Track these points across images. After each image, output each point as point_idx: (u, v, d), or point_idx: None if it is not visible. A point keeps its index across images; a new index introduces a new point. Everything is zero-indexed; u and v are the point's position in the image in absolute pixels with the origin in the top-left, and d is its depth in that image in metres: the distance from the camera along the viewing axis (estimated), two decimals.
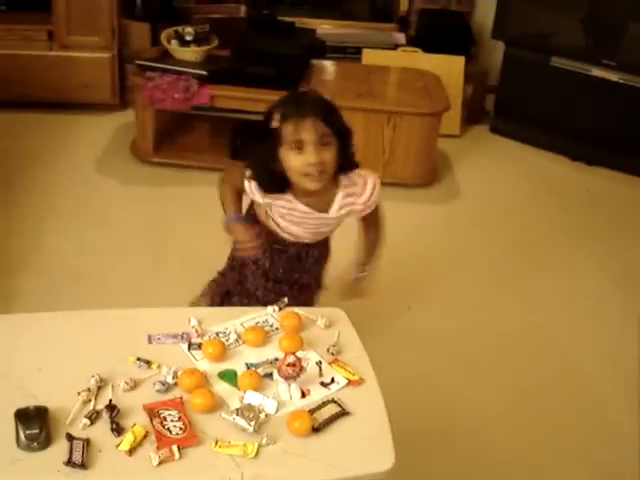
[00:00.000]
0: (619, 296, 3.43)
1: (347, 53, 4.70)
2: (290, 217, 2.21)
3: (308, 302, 2.43)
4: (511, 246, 3.72)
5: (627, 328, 3.23)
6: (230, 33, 4.16)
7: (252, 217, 2.38)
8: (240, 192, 2.28)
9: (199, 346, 1.88)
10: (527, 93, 4.70)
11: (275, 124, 1.98)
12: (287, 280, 2.39)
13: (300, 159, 1.98)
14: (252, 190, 2.16)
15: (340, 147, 2.01)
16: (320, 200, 2.13)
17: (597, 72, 4.47)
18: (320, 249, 2.40)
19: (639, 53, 4.44)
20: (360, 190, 2.14)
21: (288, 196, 2.13)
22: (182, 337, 1.91)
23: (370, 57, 4.60)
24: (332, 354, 1.89)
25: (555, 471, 2.51)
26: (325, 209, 2.16)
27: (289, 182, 2.07)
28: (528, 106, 4.71)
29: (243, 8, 4.66)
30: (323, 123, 1.95)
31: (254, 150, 2.09)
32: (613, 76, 4.45)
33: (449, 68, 4.58)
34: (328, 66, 4.32)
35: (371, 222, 2.31)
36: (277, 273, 2.38)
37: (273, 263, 2.37)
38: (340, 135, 2.01)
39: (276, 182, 2.07)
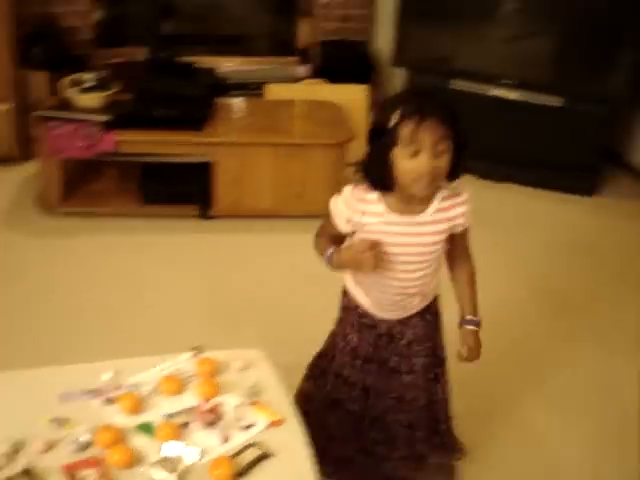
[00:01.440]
0: (537, 311, 3.49)
1: (251, 89, 4.71)
2: (385, 239, 1.98)
3: (396, 389, 2.23)
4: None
5: (549, 340, 3.30)
6: (131, 77, 4.13)
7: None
8: (335, 242, 2.10)
9: (114, 400, 1.85)
10: None
11: (392, 123, 1.82)
12: (378, 360, 2.20)
13: (413, 164, 1.83)
14: (347, 214, 2.00)
15: (454, 154, 1.87)
16: (415, 205, 1.96)
17: (496, 92, 4.58)
18: (415, 331, 2.19)
19: (535, 70, 4.57)
20: (460, 199, 2.00)
21: (380, 206, 1.95)
22: (96, 393, 1.88)
23: (274, 91, 4.62)
24: (251, 396, 1.87)
25: None
26: (419, 212, 1.98)
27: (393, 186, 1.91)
28: None
29: (143, 51, 4.63)
30: (443, 126, 1.81)
31: (369, 149, 1.92)
32: (512, 94, 4.57)
33: (353, 97, 4.63)
34: (232, 103, 4.32)
35: (462, 252, 2.15)
36: (366, 351, 2.19)
37: (361, 339, 2.18)
38: (457, 142, 1.86)
39: (386, 180, 1.90)
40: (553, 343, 3.29)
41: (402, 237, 1.98)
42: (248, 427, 1.79)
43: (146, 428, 1.78)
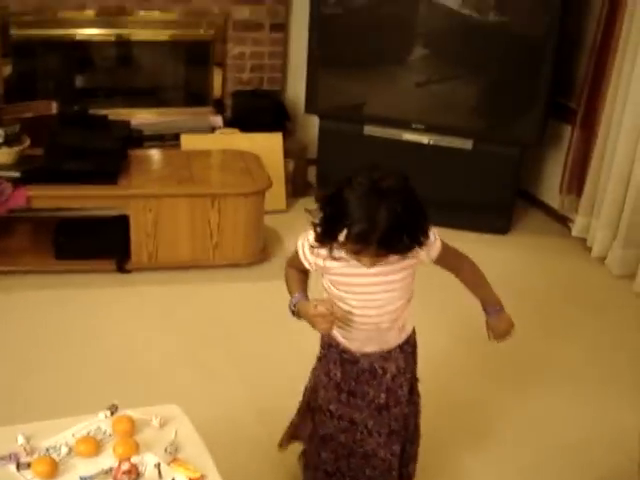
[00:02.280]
0: (461, 350, 3.53)
1: (165, 140, 4.68)
2: (348, 284, 2.09)
3: (387, 424, 2.27)
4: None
5: (472, 379, 3.33)
6: (42, 131, 4.06)
7: None
8: (305, 274, 2.20)
9: (29, 465, 1.79)
10: (345, 162, 4.77)
11: (340, 238, 1.92)
12: (362, 396, 2.24)
13: (356, 258, 1.98)
14: (313, 259, 2.10)
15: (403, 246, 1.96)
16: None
17: (408, 136, 4.66)
18: (397, 364, 2.24)
19: (445, 114, 4.67)
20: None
21: (342, 253, 2.02)
22: (10, 458, 1.82)
23: (189, 142, 4.61)
24: (170, 453, 1.84)
25: None
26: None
27: None
28: (348, 174, 4.83)
29: (54, 105, 4.57)
30: (385, 249, 1.93)
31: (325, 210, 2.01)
32: (423, 138, 4.66)
33: (268, 146, 4.66)
34: (146, 155, 4.30)
35: (453, 262, 2.27)
36: (350, 385, 2.24)
37: (344, 373, 2.24)
38: (402, 250, 1.97)
39: (335, 238, 1.96)
40: (480, 381, 3.33)
41: (368, 278, 2.06)
42: None
43: None
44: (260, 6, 4.99)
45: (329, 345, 2.26)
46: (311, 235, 2.07)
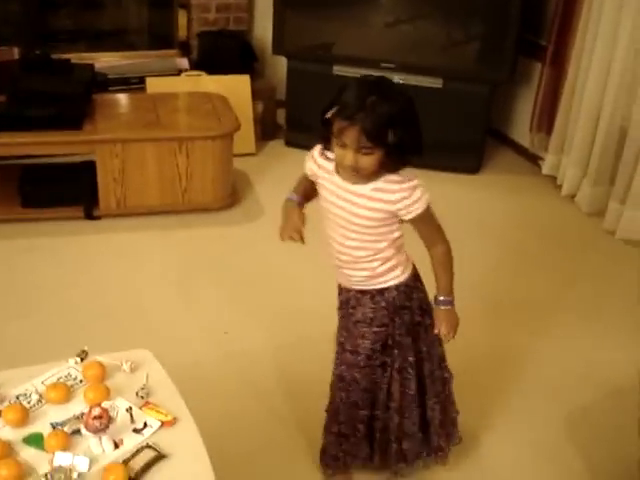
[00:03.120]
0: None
1: (131, 84, 4.59)
2: (325, 200, 2.19)
3: (338, 364, 2.33)
4: (317, 255, 3.76)
5: None
6: (3, 77, 3.97)
7: None
8: (311, 182, 2.27)
9: None
10: (315, 103, 4.74)
11: (329, 114, 2.00)
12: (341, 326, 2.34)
13: (340, 154, 2.01)
14: (311, 164, 2.21)
15: (387, 153, 1.99)
16: (358, 179, 2.08)
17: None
18: (364, 311, 2.25)
19: (414, 54, 4.63)
20: (403, 183, 2.08)
21: (331, 166, 2.13)
22: None
23: (155, 85, 4.53)
24: (142, 397, 1.83)
25: None
26: (360, 184, 2.10)
27: None
28: (318, 116, 4.78)
29: (16, 50, 4.46)
30: (366, 138, 1.94)
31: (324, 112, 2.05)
32: (393, 77, 4.58)
33: (236, 88, 4.59)
34: (111, 100, 4.22)
35: (426, 237, 2.26)
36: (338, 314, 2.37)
37: (339, 303, 2.36)
38: (388, 145, 1.97)
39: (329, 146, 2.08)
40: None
41: (339, 200, 2.13)
42: (140, 430, 1.75)
43: (34, 439, 1.72)
44: None
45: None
46: (316, 150, 2.19)
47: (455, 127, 4.63)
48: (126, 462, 1.66)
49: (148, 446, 1.71)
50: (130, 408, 1.78)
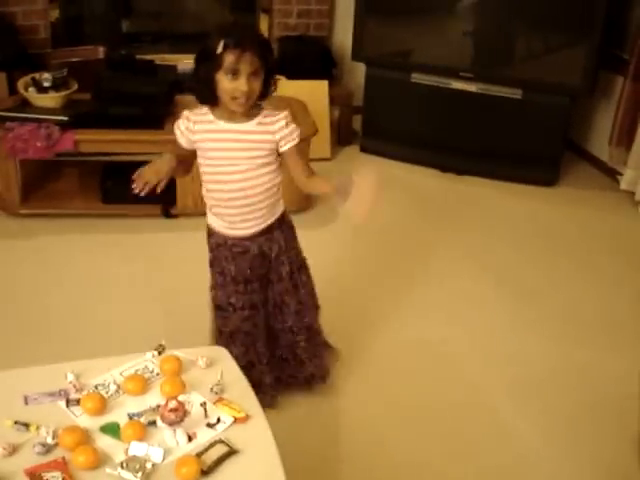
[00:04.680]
0: (498, 298, 3.53)
1: None
2: (216, 150, 2.36)
3: (272, 297, 2.61)
4: (396, 262, 3.78)
5: (513, 329, 3.33)
6: (90, 76, 4.08)
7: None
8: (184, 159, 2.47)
9: (78, 402, 1.84)
10: (392, 110, 4.80)
11: (218, 51, 2.18)
12: (257, 278, 2.55)
13: (233, 85, 2.21)
14: (186, 125, 2.39)
15: (265, 78, 2.27)
16: (240, 117, 2.33)
17: (457, 84, 4.61)
18: (280, 244, 2.55)
19: (493, 63, 4.61)
20: (277, 116, 2.37)
21: (210, 116, 2.35)
22: (60, 394, 1.87)
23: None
24: (216, 393, 1.87)
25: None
26: (244, 122, 2.34)
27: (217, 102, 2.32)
28: (395, 123, 4.81)
29: (101, 49, 4.58)
30: (257, 58, 2.20)
31: (197, 69, 2.29)
32: (472, 87, 4.59)
33: (314, 93, 4.63)
34: (193, 100, 4.27)
35: (297, 166, 2.47)
36: (244, 274, 2.53)
37: (237, 267, 2.52)
38: (267, 69, 2.26)
39: (211, 97, 2.30)
40: (516, 330, 3.33)
41: (232, 142, 2.34)
42: (214, 425, 1.79)
43: (111, 429, 1.77)
44: None
45: (217, 245, 2.54)
46: (186, 113, 2.40)
47: (532, 138, 4.59)
48: (199, 455, 1.70)
49: (220, 441, 1.75)
50: (204, 403, 1.82)
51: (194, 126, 2.37)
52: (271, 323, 2.65)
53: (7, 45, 4.42)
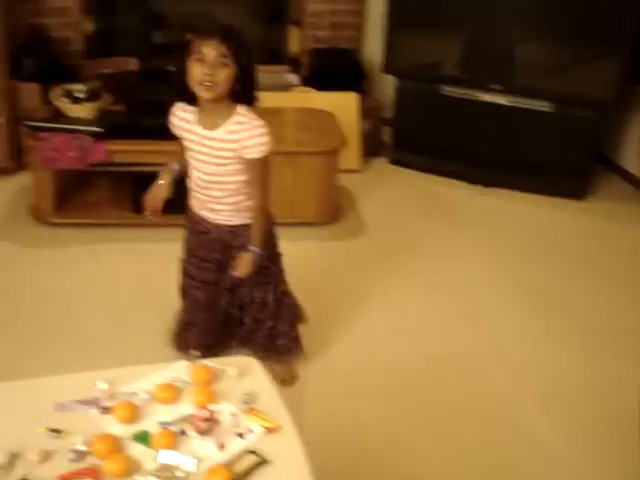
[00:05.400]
0: (531, 313, 3.51)
1: None
2: (190, 149, 2.56)
3: (226, 282, 2.77)
4: (421, 275, 3.78)
5: (543, 345, 3.32)
6: (122, 87, 4.14)
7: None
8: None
9: (110, 410, 1.85)
10: (422, 123, 4.81)
11: (188, 37, 2.36)
12: (212, 260, 2.74)
13: (198, 68, 2.33)
14: (171, 118, 2.63)
15: (238, 75, 2.37)
16: (214, 121, 2.47)
17: (486, 97, 4.61)
18: (243, 239, 2.64)
19: (523, 76, 4.60)
20: (251, 124, 2.46)
21: (190, 116, 2.53)
22: (92, 402, 1.88)
23: (265, 100, 4.60)
24: (246, 403, 1.88)
25: None
26: (214, 129, 2.49)
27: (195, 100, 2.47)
28: (424, 135, 4.82)
29: (133, 61, 4.63)
30: (224, 46, 2.31)
31: (176, 64, 2.44)
32: (502, 100, 4.59)
33: (344, 105, 4.65)
34: None
35: (252, 183, 2.55)
36: (202, 253, 2.74)
37: (197, 242, 2.74)
38: (239, 63, 2.36)
39: (185, 90, 2.43)
40: (541, 343, 3.32)
41: (201, 146, 2.51)
42: (244, 434, 1.80)
43: (142, 437, 1.79)
44: None
45: (188, 219, 2.75)
46: (175, 107, 2.59)
47: (562, 151, 4.58)
48: (229, 465, 1.71)
49: (251, 451, 1.75)
50: (235, 413, 1.83)
51: (178, 122, 2.59)
52: (219, 302, 2.84)
53: (41, 57, 4.51)
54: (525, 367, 3.17)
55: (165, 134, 3.76)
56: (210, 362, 2.00)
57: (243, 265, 2.63)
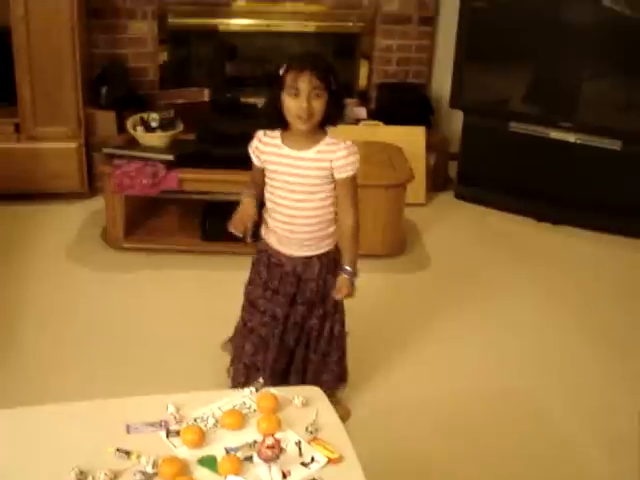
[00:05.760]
0: (594, 355, 3.47)
1: None
2: (276, 172, 2.55)
3: (294, 316, 2.72)
4: (484, 311, 3.76)
5: (606, 386, 3.27)
6: (195, 117, 4.23)
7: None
8: (258, 187, 2.66)
9: (178, 433, 1.89)
10: (489, 158, 4.81)
11: (281, 72, 2.40)
12: (284, 293, 2.68)
13: (295, 103, 2.39)
14: (256, 144, 2.61)
15: (330, 101, 2.43)
16: (303, 143, 2.50)
17: (555, 134, 4.59)
18: (312, 270, 2.66)
19: (592, 113, 4.58)
20: (340, 144, 2.53)
21: (278, 141, 2.54)
22: (160, 425, 1.92)
23: (333, 132, 4.65)
24: (311, 433, 1.90)
25: None
26: (305, 150, 2.51)
27: (286, 125, 2.49)
28: (491, 171, 4.81)
29: (206, 92, 4.74)
30: (317, 79, 2.37)
31: (267, 94, 2.51)
32: (570, 137, 4.57)
33: (411, 139, 4.68)
34: None
35: (343, 202, 2.60)
36: (274, 285, 2.69)
37: (270, 274, 2.69)
38: (331, 91, 2.42)
39: (278, 118, 2.48)
40: (611, 386, 3.27)
41: (290, 167, 2.52)
42: (308, 464, 1.81)
43: (208, 461, 1.82)
44: None
45: (260, 250, 2.73)
46: (259, 133, 2.61)
47: (632, 190, 4.52)
48: None
49: None
50: (299, 442, 1.85)
51: (264, 147, 2.58)
52: (286, 340, 2.76)
53: (118, 86, 4.64)
54: (595, 409, 3.13)
55: (235, 164, 3.89)
56: (275, 390, 2.02)
57: (344, 287, 2.65)
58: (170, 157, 3.91)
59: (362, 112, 4.99)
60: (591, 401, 3.17)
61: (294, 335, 2.75)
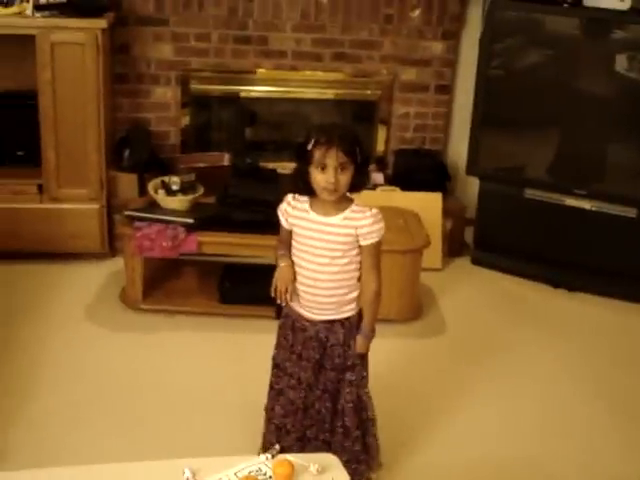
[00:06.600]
0: (612, 424, 3.45)
1: None
2: (303, 236, 2.63)
3: (322, 382, 2.75)
4: (500, 378, 3.76)
5: (624, 456, 3.25)
6: (215, 181, 4.30)
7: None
8: (287, 249, 2.72)
9: None
10: (505, 224, 4.85)
11: (309, 147, 2.48)
12: (307, 358, 2.73)
13: (323, 177, 2.49)
14: (285, 207, 2.68)
15: (355, 172, 2.52)
16: (329, 210, 2.59)
17: (570, 201, 4.63)
18: (337, 336, 2.70)
19: (607, 181, 4.63)
20: (366, 211, 2.61)
21: (306, 205, 2.62)
22: None
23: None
24: None
25: None
26: (332, 216, 2.60)
27: (314, 193, 2.58)
28: (507, 237, 4.84)
29: (227, 157, 4.81)
30: (343, 153, 2.46)
31: (295, 164, 2.59)
32: (586, 204, 4.61)
33: (427, 205, 4.73)
34: None
35: (367, 267, 2.68)
36: (298, 349, 2.74)
37: (295, 338, 2.75)
38: (356, 162, 2.50)
39: (306, 189, 2.57)
40: (630, 456, 3.24)
41: (316, 232, 2.60)
42: None
43: None
44: (427, 68, 5.10)
45: (286, 315, 2.78)
46: (289, 196, 2.68)
47: None
48: None
49: None
50: None
51: (292, 211, 2.66)
52: (316, 406, 2.78)
53: (141, 149, 4.73)
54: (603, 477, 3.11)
55: (254, 228, 3.95)
56: (291, 457, 2.04)
57: (362, 345, 2.73)
58: (190, 220, 3.97)
59: (379, 178, 5.05)
60: (608, 469, 3.15)
61: (323, 403, 2.77)
